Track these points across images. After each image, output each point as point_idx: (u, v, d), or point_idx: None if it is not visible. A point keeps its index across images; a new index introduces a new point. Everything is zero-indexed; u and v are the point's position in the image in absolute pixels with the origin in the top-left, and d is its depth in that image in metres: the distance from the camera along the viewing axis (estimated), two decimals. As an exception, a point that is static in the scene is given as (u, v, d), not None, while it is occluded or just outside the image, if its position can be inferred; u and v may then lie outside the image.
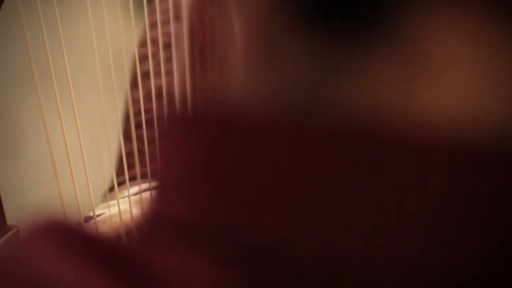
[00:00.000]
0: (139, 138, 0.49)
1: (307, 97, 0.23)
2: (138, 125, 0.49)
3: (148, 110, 0.49)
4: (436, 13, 0.21)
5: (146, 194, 0.49)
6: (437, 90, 0.22)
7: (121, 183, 0.50)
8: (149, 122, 0.49)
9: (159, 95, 0.49)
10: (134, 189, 0.50)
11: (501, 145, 0.21)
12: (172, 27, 0.47)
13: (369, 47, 0.22)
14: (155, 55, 0.49)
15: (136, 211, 0.49)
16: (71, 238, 0.24)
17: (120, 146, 0.50)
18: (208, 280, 0.22)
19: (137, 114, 0.49)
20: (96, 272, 0.22)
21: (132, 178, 0.51)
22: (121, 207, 0.49)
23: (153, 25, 0.50)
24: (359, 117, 0.22)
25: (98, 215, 0.49)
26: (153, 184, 0.33)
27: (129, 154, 0.50)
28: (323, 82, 0.23)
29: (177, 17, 0.46)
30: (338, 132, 0.22)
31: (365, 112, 0.22)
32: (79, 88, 0.47)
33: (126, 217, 0.49)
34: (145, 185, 0.50)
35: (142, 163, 0.49)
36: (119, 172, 0.50)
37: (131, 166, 0.50)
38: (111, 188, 0.50)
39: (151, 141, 0.49)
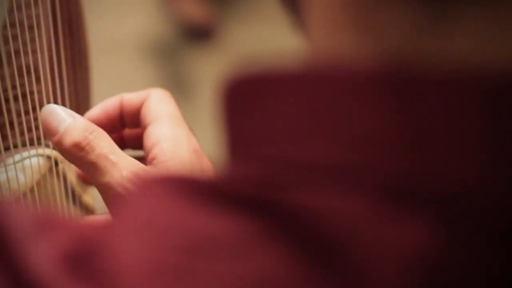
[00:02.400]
0: (9, 111, 0.50)
1: (414, 47, 0.23)
2: (7, 100, 0.50)
3: (21, 85, 0.51)
4: None
5: (31, 161, 0.50)
6: None
7: None
8: (23, 95, 0.51)
9: (28, 71, 0.51)
10: (17, 157, 0.50)
11: None
12: (33, 10, 0.51)
13: (468, 4, 0.22)
14: (22, 35, 0.50)
15: (22, 178, 0.50)
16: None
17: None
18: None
19: (5, 90, 0.50)
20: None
21: (7, 148, 0.50)
22: (6, 176, 0.49)
23: (18, 8, 0.50)
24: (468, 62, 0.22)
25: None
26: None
27: (2, 127, 0.50)
28: (427, 32, 0.23)
29: (38, 1, 0.52)
30: (446, 79, 0.22)
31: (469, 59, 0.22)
32: None
33: (14, 185, 0.50)
34: (27, 153, 0.50)
35: (21, 132, 0.51)
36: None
37: (4, 137, 0.50)
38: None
39: (25, 112, 0.51)
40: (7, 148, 0.51)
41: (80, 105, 0.57)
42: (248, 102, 0.25)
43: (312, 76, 0.24)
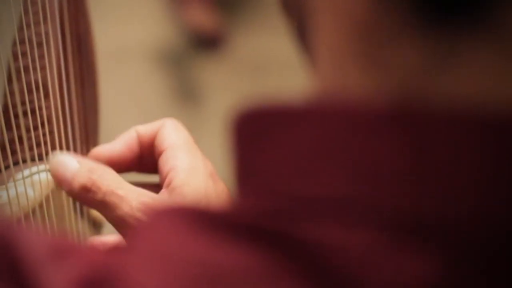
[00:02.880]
0: (18, 127, 0.50)
1: (422, 84, 0.23)
2: (16, 116, 0.50)
3: (30, 101, 0.51)
4: None
5: (39, 176, 0.50)
6: None
7: (5, 168, 0.49)
8: (32, 111, 0.51)
9: (36, 88, 0.51)
10: (26, 172, 0.50)
11: None
12: (43, 27, 0.51)
13: (477, 39, 0.22)
14: (30, 53, 0.51)
15: (36, 193, 0.50)
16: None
17: (1, 134, 0.49)
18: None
19: (14, 106, 0.50)
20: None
21: (16, 163, 0.50)
22: (15, 191, 0.49)
23: (26, 26, 0.50)
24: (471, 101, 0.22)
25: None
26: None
27: (11, 142, 0.50)
28: (435, 69, 0.23)
29: (47, 18, 0.52)
30: (454, 116, 0.22)
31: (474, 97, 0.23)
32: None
33: (23, 201, 0.50)
34: (35, 168, 0.50)
35: (30, 147, 0.51)
36: (3, 158, 0.49)
37: (14, 152, 0.50)
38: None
39: (34, 127, 0.51)
40: (16, 163, 0.51)
41: (88, 119, 0.57)
42: (258, 135, 0.25)
43: (319, 112, 0.24)
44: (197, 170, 0.48)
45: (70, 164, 0.48)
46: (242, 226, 0.24)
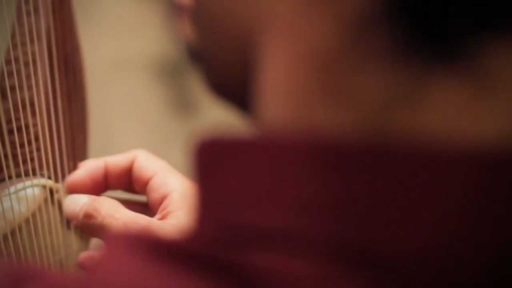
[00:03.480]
0: (11, 143, 0.51)
1: (390, 118, 0.22)
2: (10, 131, 0.51)
3: (17, 119, 0.51)
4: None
5: (26, 192, 0.51)
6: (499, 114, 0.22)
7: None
8: (19, 129, 0.52)
9: (23, 106, 0.52)
10: (12, 188, 0.51)
11: None
12: (31, 48, 0.52)
13: (447, 71, 0.22)
14: (19, 72, 0.51)
15: (22, 208, 0.51)
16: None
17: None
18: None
19: (9, 122, 0.51)
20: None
21: (2, 180, 0.51)
22: (7, 204, 0.50)
23: (15, 46, 0.51)
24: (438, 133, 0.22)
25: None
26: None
27: (4, 157, 0.51)
28: (400, 104, 0.22)
29: (36, 38, 0.53)
30: (420, 152, 0.22)
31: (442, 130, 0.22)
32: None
33: (9, 216, 0.50)
34: (22, 184, 0.51)
35: (17, 164, 0.51)
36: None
37: (1, 169, 0.51)
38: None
39: (21, 145, 0.52)
40: (2, 180, 0.51)
41: (75, 136, 0.58)
42: (213, 165, 0.25)
43: (268, 144, 0.24)
44: (187, 195, 0.50)
45: (80, 199, 0.50)
46: (194, 255, 0.24)
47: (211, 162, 0.25)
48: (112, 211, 0.48)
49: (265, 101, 0.25)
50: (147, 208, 0.52)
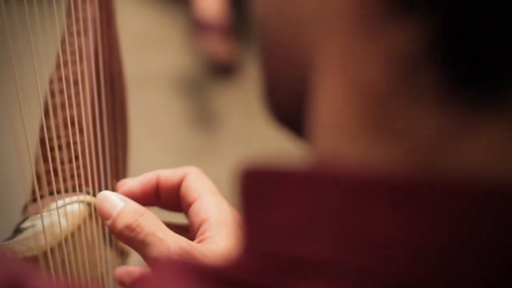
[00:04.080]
0: (53, 159, 0.52)
1: (436, 155, 0.23)
2: (52, 148, 0.52)
3: (61, 136, 0.52)
4: None
5: (72, 207, 0.52)
6: None
7: (41, 197, 0.51)
8: (65, 146, 0.52)
9: (70, 124, 0.53)
10: (59, 202, 0.51)
11: None
12: (76, 68, 0.53)
13: (494, 113, 0.22)
14: (67, 90, 0.52)
15: (67, 223, 0.51)
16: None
17: (37, 166, 0.51)
18: None
19: (50, 139, 0.51)
20: None
21: (50, 193, 0.52)
22: (49, 220, 0.50)
23: (62, 65, 0.52)
24: (479, 173, 0.22)
25: (25, 228, 0.49)
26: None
27: (47, 173, 0.51)
28: (448, 141, 0.22)
29: (85, 58, 0.54)
30: (462, 188, 0.22)
31: (483, 169, 0.22)
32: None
33: (56, 230, 0.51)
34: (69, 199, 0.52)
35: (57, 180, 0.52)
36: (38, 188, 0.51)
37: (48, 183, 0.51)
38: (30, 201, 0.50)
39: (67, 161, 0.53)
40: (51, 193, 0.52)
41: (118, 154, 0.58)
42: (259, 194, 0.25)
43: (316, 177, 0.24)
44: (226, 221, 0.50)
45: (116, 202, 0.49)
46: (240, 283, 0.24)
47: (258, 192, 0.25)
48: (155, 229, 0.48)
49: (318, 131, 0.26)
50: (185, 231, 0.52)
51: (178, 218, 0.54)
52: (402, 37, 0.22)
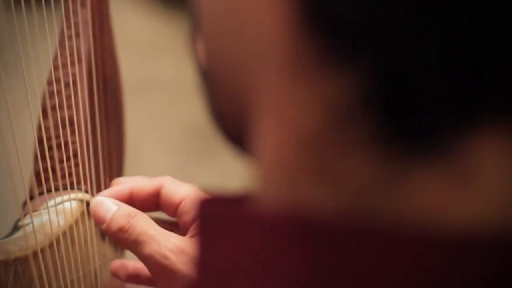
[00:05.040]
0: (51, 158, 0.53)
1: (371, 201, 0.22)
2: (50, 148, 0.52)
3: (57, 136, 0.53)
4: (494, 147, 0.21)
5: (69, 204, 0.53)
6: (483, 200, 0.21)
7: (39, 194, 0.52)
8: (59, 146, 0.53)
9: (64, 124, 0.53)
10: (57, 199, 0.52)
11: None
12: (71, 69, 0.54)
13: (429, 162, 0.22)
14: (60, 92, 0.53)
15: (60, 221, 0.52)
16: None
17: (35, 164, 0.52)
18: None
19: (48, 139, 0.52)
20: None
21: (48, 191, 0.52)
22: (47, 217, 0.51)
23: (56, 67, 0.53)
24: (417, 220, 0.21)
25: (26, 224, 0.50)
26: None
27: (44, 171, 0.52)
28: (382, 188, 0.22)
29: (77, 61, 0.54)
30: (401, 235, 0.21)
31: (421, 216, 0.22)
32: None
33: (48, 229, 0.51)
34: (66, 196, 0.52)
35: (55, 178, 0.53)
36: (36, 185, 0.52)
37: (46, 181, 0.52)
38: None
39: (61, 160, 0.53)
40: (42, 193, 0.53)
41: (112, 153, 0.59)
42: (209, 227, 0.26)
43: (257, 218, 0.24)
44: None
45: (110, 206, 0.51)
46: None
47: (209, 224, 0.26)
48: (147, 228, 0.49)
49: (259, 168, 0.25)
50: (177, 227, 0.53)
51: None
52: (337, 85, 0.22)
